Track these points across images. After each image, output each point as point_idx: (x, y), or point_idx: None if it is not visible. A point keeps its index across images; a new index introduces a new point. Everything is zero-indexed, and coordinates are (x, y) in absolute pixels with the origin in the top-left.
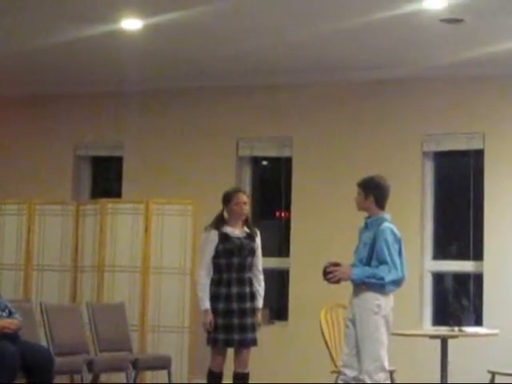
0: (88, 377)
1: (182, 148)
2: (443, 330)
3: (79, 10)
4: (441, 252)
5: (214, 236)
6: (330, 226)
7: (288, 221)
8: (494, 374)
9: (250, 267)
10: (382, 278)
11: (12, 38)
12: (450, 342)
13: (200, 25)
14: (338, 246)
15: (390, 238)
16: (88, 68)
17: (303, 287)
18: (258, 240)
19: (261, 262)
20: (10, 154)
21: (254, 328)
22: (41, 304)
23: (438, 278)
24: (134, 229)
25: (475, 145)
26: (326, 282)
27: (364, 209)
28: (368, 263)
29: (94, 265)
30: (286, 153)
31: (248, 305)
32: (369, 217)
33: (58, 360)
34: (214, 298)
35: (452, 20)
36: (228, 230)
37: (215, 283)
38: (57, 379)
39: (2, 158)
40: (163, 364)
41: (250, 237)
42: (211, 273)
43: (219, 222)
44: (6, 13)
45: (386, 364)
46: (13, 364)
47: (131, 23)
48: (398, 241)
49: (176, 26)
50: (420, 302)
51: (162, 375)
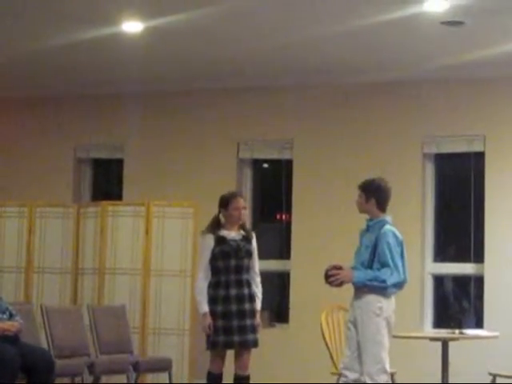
0: (89, 379)
1: (182, 150)
2: (444, 333)
3: (80, 12)
4: (441, 254)
5: (209, 240)
6: (331, 229)
7: (289, 223)
8: (494, 376)
9: (248, 269)
10: (384, 281)
11: (13, 40)
12: (451, 344)
13: (200, 27)
14: (339, 249)
15: (392, 241)
16: (89, 70)
17: (304, 289)
18: (254, 242)
19: (257, 265)
20: (11, 156)
21: (254, 329)
22: (41, 306)
23: (439, 280)
24: (134, 231)
25: (476, 147)
26: (327, 285)
27: (365, 211)
28: (370, 266)
29: (95, 267)
30: (286, 155)
31: (247, 306)
32: (370, 219)
33: (59, 362)
34: (213, 301)
35: (452, 22)
36: (224, 233)
37: (213, 286)
38: (57, 381)
39: (3, 160)
40: (164, 366)
41: (246, 239)
42: (209, 276)
43: (215, 226)
44: (6, 15)
45: (388, 366)
46: (13, 366)
47: (132, 25)
48: (400, 243)
49: (176, 29)
50: (421, 305)
51: (162, 377)
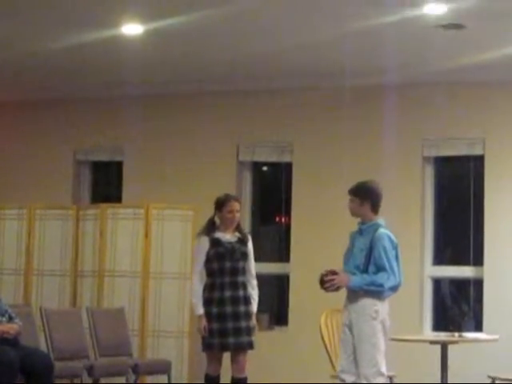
0: (88, 381)
1: (182, 153)
2: (443, 336)
3: (80, 14)
4: (441, 257)
5: (204, 242)
6: (331, 232)
7: (288, 226)
8: (494, 379)
9: (243, 271)
10: (381, 285)
11: (12, 43)
12: (450, 347)
13: (200, 29)
14: (339, 252)
15: (387, 244)
16: (88, 73)
17: (303, 292)
18: (250, 245)
19: (254, 267)
20: (10, 159)
21: (249, 331)
22: (41, 309)
23: (438, 283)
24: (134, 234)
25: (475, 150)
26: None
27: (359, 215)
28: (365, 269)
29: (94, 269)
30: (286, 158)
31: (242, 308)
32: (363, 223)
33: (58, 365)
34: (208, 303)
35: (452, 25)
36: (219, 235)
37: (208, 288)
38: None
39: (2, 162)
40: (163, 368)
41: (242, 241)
42: (204, 278)
43: (210, 228)
44: (6, 17)
45: (384, 369)
46: (12, 369)
47: (132, 28)
48: (395, 246)
49: (176, 31)
50: (420, 308)
51: (161, 380)
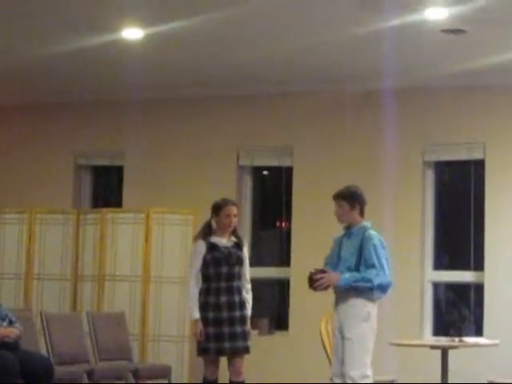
0: None
1: (182, 157)
2: (444, 341)
3: (80, 19)
4: (441, 262)
5: (201, 246)
6: (331, 236)
7: (288, 230)
8: None
9: (239, 276)
10: (369, 281)
11: (13, 47)
12: (451, 351)
13: (200, 34)
14: None
15: (377, 243)
16: (89, 77)
17: (303, 297)
18: (245, 249)
19: (248, 272)
20: (11, 163)
21: (245, 336)
22: (41, 313)
23: (439, 288)
24: (134, 238)
25: (476, 155)
26: (326, 291)
27: (349, 220)
28: (357, 270)
29: (95, 274)
30: (286, 162)
31: (238, 313)
32: (348, 226)
33: (58, 369)
34: (204, 308)
35: (453, 30)
36: (215, 239)
37: (204, 293)
38: None
39: (3, 166)
40: (163, 373)
41: (238, 246)
42: (200, 283)
43: (206, 232)
44: (8, 22)
45: (370, 372)
46: (13, 373)
47: (132, 32)
48: (385, 247)
49: (177, 36)
50: (420, 312)
51: None
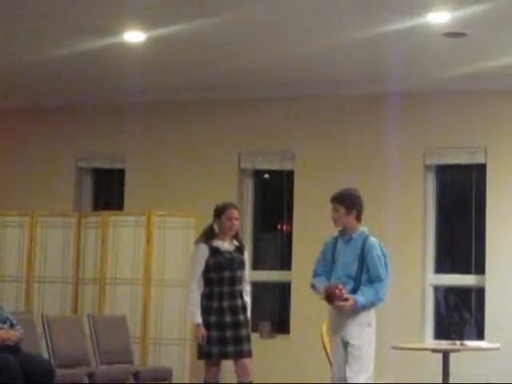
0: None
1: (183, 160)
2: (445, 344)
3: (82, 22)
4: (443, 266)
5: (204, 250)
6: None
7: (290, 234)
8: None
9: (241, 280)
10: (381, 299)
11: (14, 50)
12: (452, 355)
13: (202, 38)
14: None
15: (380, 253)
16: (90, 80)
17: (305, 300)
18: (246, 253)
19: (248, 275)
20: (12, 166)
21: (249, 339)
22: (42, 316)
23: (440, 291)
24: (135, 241)
25: (477, 159)
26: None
27: (345, 225)
28: (358, 278)
29: (96, 277)
30: (287, 166)
31: (241, 317)
32: (343, 230)
33: (59, 372)
34: (206, 312)
35: (455, 34)
36: (218, 243)
37: (206, 297)
38: None
39: (4, 169)
40: (164, 376)
41: (240, 250)
42: (201, 287)
43: (209, 236)
44: (8, 25)
45: (371, 377)
46: (14, 376)
47: (134, 36)
48: (385, 255)
49: (178, 39)
50: (422, 316)
51: None
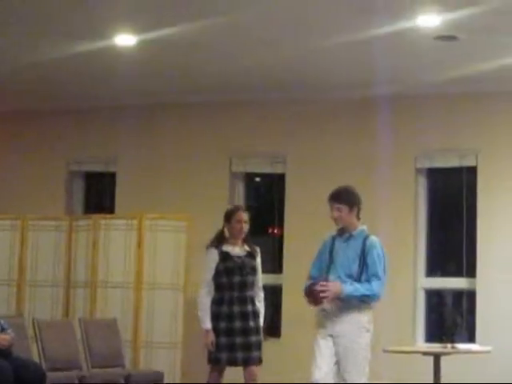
0: None
1: (175, 164)
2: (436, 347)
3: (73, 25)
4: (434, 269)
5: (214, 255)
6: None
7: (281, 237)
8: None
9: (252, 286)
10: (375, 295)
11: (5, 54)
12: (443, 358)
13: (193, 41)
14: None
15: (380, 252)
16: (82, 83)
17: (296, 303)
18: (259, 258)
19: (261, 280)
20: (3, 169)
21: (259, 346)
22: (33, 320)
23: (431, 294)
24: (127, 244)
25: (468, 162)
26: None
27: (348, 223)
28: (359, 277)
29: (87, 280)
30: (279, 169)
31: (251, 323)
32: (342, 229)
33: (51, 375)
34: (216, 317)
35: (446, 37)
36: (228, 248)
37: (216, 302)
38: None
39: None
40: (156, 380)
41: (251, 255)
42: (212, 292)
43: (219, 240)
44: None
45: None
46: (5, 379)
47: (125, 39)
48: (384, 255)
49: (169, 42)
50: (413, 319)
51: None
